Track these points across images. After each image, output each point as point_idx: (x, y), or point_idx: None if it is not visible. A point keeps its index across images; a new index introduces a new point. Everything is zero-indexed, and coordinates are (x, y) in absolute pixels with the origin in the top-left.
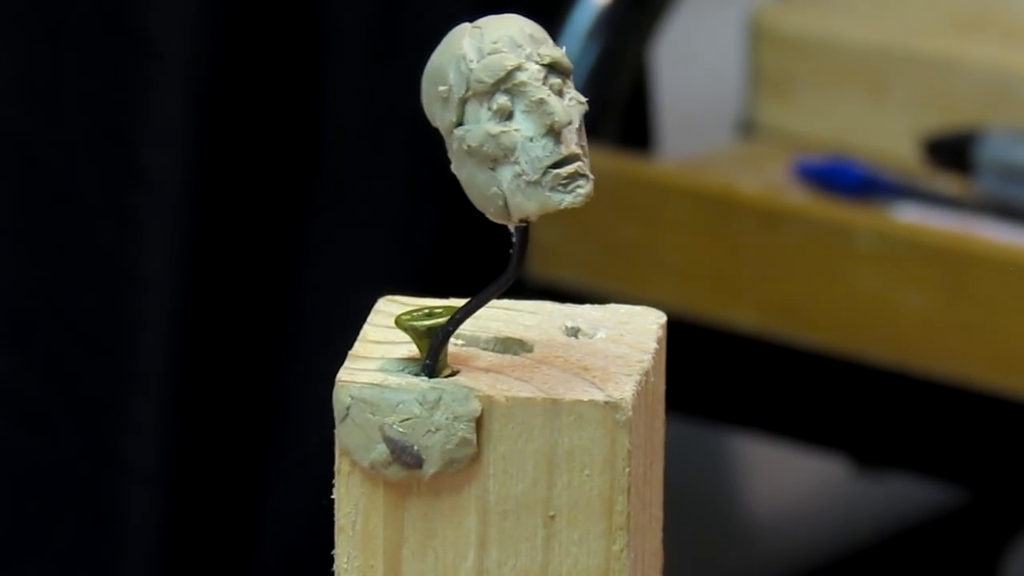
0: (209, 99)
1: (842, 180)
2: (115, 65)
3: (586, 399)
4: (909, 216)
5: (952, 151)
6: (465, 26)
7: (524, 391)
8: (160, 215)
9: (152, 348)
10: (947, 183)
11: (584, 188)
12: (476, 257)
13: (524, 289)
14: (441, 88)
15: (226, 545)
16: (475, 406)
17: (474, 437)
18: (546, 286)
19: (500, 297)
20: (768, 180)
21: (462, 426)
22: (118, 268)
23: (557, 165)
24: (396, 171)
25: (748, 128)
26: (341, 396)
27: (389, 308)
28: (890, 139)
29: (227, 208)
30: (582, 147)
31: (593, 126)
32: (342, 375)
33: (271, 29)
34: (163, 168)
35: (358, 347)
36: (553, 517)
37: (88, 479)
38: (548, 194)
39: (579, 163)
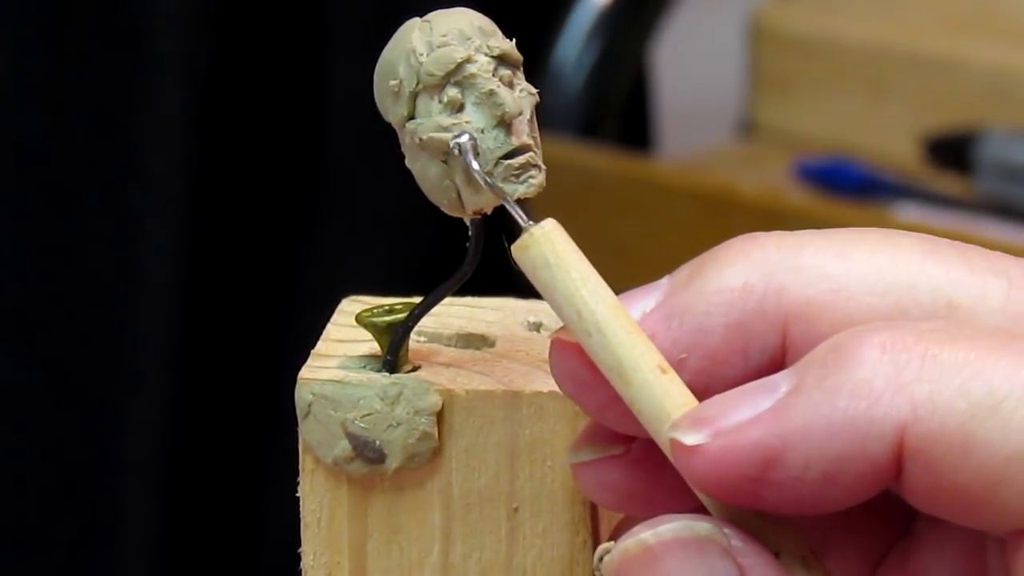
0: (209, 99)
1: (842, 180)
2: (115, 65)
3: (546, 390)
4: (909, 216)
5: (952, 151)
6: (415, 20)
7: (484, 384)
8: (160, 215)
9: (152, 348)
10: (947, 183)
11: (536, 178)
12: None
13: (523, 289)
14: (392, 82)
15: (226, 545)
16: (435, 400)
17: (435, 431)
18: None
19: (471, 293)
20: (768, 180)
21: (423, 420)
22: (118, 268)
23: (508, 156)
24: (397, 170)
25: (748, 128)
26: (303, 393)
27: (352, 308)
28: (890, 139)
29: (227, 208)
30: (533, 138)
31: (593, 126)
32: (304, 373)
33: (271, 28)
34: (163, 168)
35: (321, 346)
36: (516, 509)
37: (88, 479)
38: (501, 185)
39: (531, 154)
